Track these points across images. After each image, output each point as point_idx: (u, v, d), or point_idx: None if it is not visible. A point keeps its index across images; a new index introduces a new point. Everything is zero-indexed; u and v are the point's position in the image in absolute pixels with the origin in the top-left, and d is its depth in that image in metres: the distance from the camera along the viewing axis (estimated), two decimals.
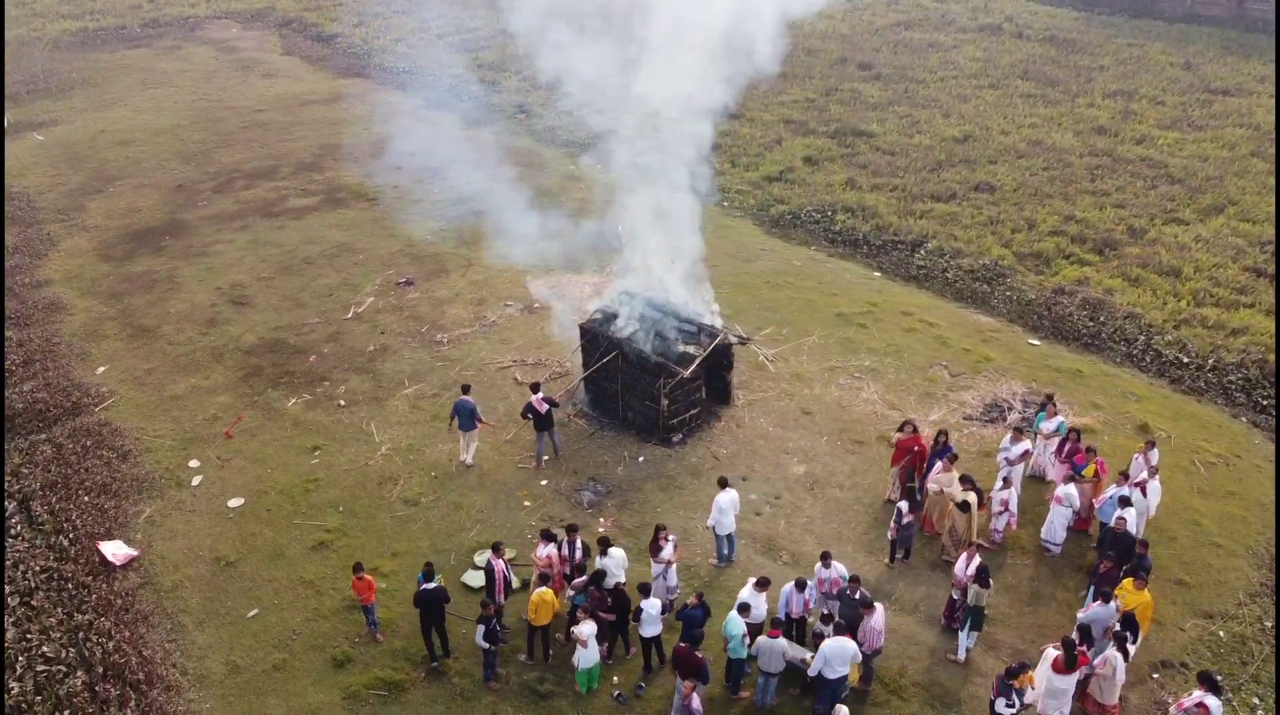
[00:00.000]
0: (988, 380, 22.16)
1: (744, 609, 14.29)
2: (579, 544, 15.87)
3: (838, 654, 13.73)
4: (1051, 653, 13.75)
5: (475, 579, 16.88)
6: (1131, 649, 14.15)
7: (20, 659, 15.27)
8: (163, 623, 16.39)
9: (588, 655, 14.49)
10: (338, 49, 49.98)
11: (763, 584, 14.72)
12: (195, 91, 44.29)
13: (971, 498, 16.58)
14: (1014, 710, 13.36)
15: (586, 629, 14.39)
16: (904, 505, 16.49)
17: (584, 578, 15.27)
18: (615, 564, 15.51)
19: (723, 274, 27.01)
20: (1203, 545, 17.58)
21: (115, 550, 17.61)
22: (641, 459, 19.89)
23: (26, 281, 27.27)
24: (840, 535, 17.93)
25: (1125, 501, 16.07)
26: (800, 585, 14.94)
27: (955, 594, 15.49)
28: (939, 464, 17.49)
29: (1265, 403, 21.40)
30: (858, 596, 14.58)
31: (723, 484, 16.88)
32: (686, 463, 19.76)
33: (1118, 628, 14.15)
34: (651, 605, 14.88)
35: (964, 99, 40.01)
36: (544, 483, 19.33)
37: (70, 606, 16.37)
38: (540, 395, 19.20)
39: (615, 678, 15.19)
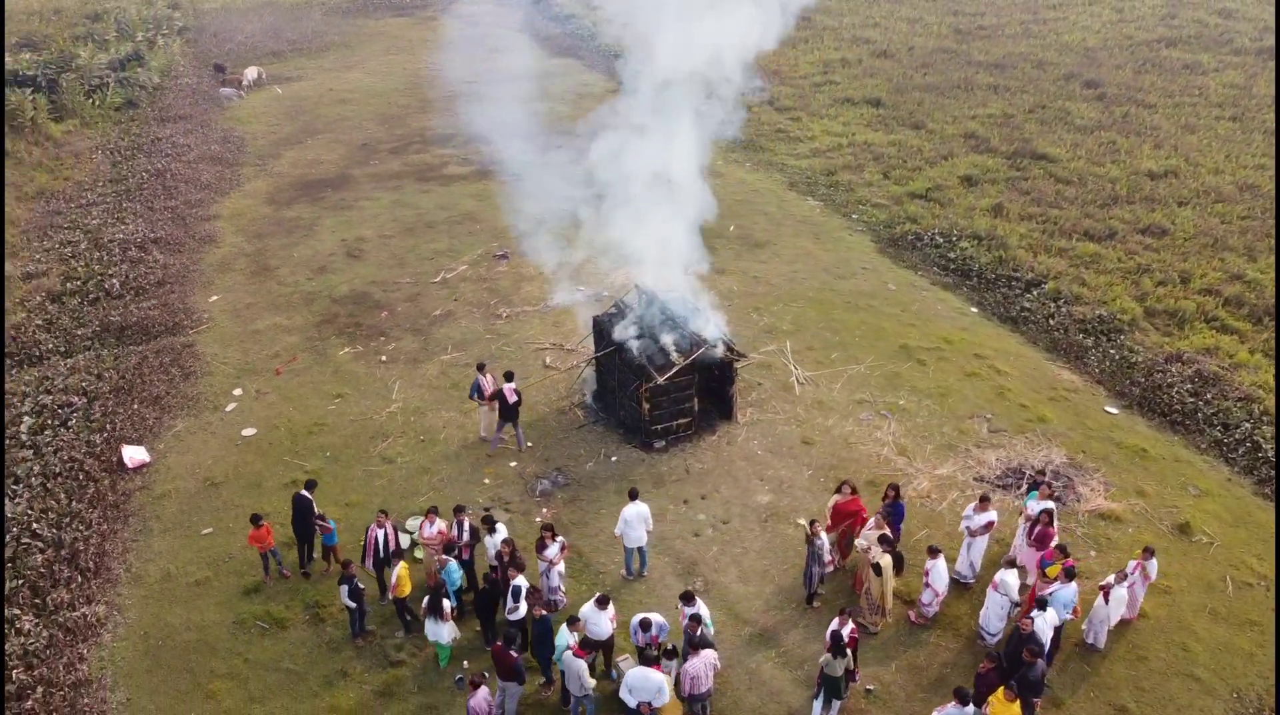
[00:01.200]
0: (1027, 443, 19.80)
1: (572, 622, 13.99)
2: (466, 525, 16.13)
3: (639, 682, 13.19)
4: None
5: (402, 540, 17.60)
6: None
7: (14, 530, 17.87)
8: (136, 524, 18.47)
9: (432, 629, 14.78)
10: (567, 29, 52.15)
11: (602, 601, 14.32)
12: (426, 59, 48.00)
13: (885, 561, 15.10)
14: None
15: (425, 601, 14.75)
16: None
17: (448, 556, 15.56)
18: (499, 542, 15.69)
19: (806, 288, 25.96)
20: (1175, 673, 14.89)
21: (134, 454, 20.00)
22: (614, 459, 19.70)
23: (200, 214, 31.09)
24: (766, 572, 16.90)
25: (1042, 604, 13.96)
26: (645, 625, 14.30)
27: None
28: (873, 520, 16.01)
29: None
30: (697, 635, 13.82)
31: (632, 496, 16.44)
32: (656, 470, 19.33)
33: None
34: (520, 580, 14.91)
35: (1190, 129, 35.27)
36: (513, 465, 19.66)
37: (74, 495, 18.87)
38: (512, 385, 19.48)
39: (465, 662, 15.38)
